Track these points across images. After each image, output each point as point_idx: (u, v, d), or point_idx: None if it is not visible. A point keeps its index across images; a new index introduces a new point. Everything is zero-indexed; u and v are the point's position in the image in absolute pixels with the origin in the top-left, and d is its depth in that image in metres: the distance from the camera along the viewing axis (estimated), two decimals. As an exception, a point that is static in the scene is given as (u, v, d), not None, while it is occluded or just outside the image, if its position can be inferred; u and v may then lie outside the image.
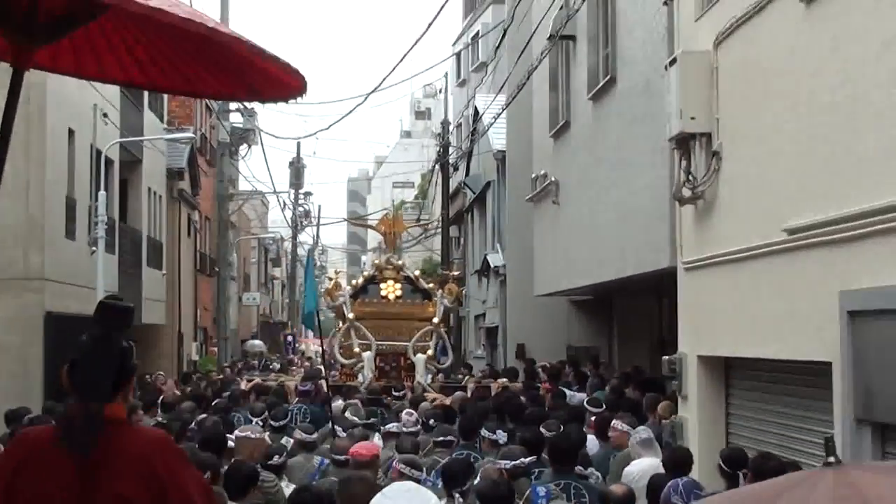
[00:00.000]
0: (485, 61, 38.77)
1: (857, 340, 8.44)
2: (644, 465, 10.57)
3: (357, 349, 22.98)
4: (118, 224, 30.42)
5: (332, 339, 23.63)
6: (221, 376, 27.87)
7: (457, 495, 8.42)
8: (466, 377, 24.24)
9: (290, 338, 58.92)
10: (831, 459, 3.41)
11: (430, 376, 22.57)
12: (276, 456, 10.52)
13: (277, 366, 40.61)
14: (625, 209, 16.99)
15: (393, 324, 23.61)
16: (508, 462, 9.35)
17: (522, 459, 9.42)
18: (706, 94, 12.10)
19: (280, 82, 5.12)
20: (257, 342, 60.52)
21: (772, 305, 10.34)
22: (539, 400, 16.95)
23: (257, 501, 9.07)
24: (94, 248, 26.10)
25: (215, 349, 44.31)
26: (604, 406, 14.79)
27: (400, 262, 25.24)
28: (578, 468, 10.17)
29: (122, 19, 5.08)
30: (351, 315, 23.31)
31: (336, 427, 13.12)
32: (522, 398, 16.62)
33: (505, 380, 21.66)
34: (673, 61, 12.44)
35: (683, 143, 12.49)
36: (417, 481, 8.48)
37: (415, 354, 22.81)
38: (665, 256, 14.70)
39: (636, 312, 23.66)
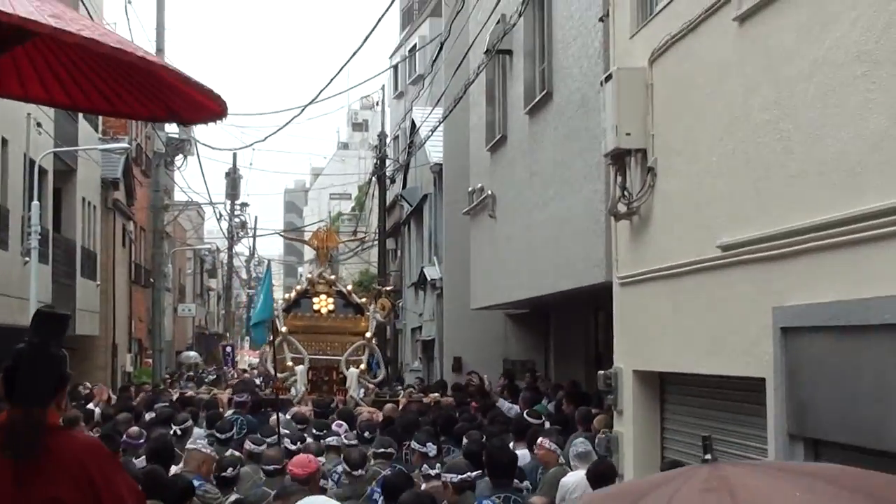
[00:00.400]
0: (422, 74, 38.83)
1: (790, 357, 8.50)
2: (579, 478, 10.84)
3: (290, 363, 23.11)
4: (52, 234, 30.21)
5: (262, 353, 23.47)
6: (153, 388, 27.62)
7: None
8: (399, 391, 24.45)
9: (228, 349, 58.64)
10: (708, 457, 3.52)
11: (362, 390, 22.80)
12: (230, 468, 10.71)
13: (212, 377, 40.44)
14: (561, 223, 17.04)
15: (325, 338, 23.85)
16: (455, 475, 9.37)
17: (469, 473, 9.45)
18: (641, 110, 12.16)
19: (201, 106, 5.31)
20: (192, 353, 60.21)
21: (706, 321, 10.40)
22: (473, 414, 17.12)
23: None
24: (27, 259, 25.89)
25: (150, 361, 44.01)
26: (542, 418, 15.02)
27: (332, 277, 25.51)
28: (515, 481, 10.35)
29: (49, 44, 5.23)
30: (284, 329, 23.34)
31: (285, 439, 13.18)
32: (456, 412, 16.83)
33: (436, 394, 21.98)
34: (608, 77, 12.49)
35: (619, 158, 12.55)
36: None
37: (347, 368, 22.96)
38: (601, 271, 14.76)
39: (572, 327, 23.75)
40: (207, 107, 5.34)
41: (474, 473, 9.55)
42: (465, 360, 28.81)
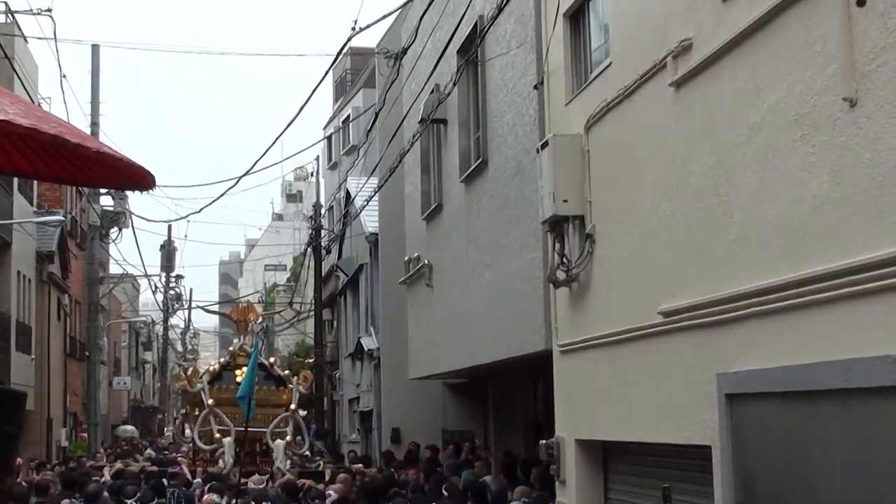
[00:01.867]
0: (356, 144, 38.79)
1: (736, 424, 8.39)
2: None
3: (217, 434, 22.98)
4: (-14, 307, 29.79)
5: (179, 424, 23.42)
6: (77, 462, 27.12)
7: None
8: (320, 462, 24.35)
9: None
10: None
11: (288, 462, 22.69)
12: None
13: (152, 452, 39.76)
14: (499, 292, 16.91)
15: None
16: None
17: None
18: (578, 176, 12.12)
19: (130, 173, 5.41)
20: (129, 427, 59.42)
21: (649, 388, 10.29)
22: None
23: None
24: (-41, 334, 25.48)
25: (85, 435, 43.32)
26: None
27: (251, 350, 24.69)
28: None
29: None
30: (210, 401, 23.29)
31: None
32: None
33: (360, 465, 22.39)
34: (544, 144, 12.44)
35: (557, 225, 12.48)
36: None
37: (273, 440, 22.89)
38: (540, 339, 14.61)
39: (511, 396, 23.55)
40: (137, 174, 5.42)
41: None
42: (404, 431, 28.54)
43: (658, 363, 10.08)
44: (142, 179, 5.52)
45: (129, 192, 42.90)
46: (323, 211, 42.51)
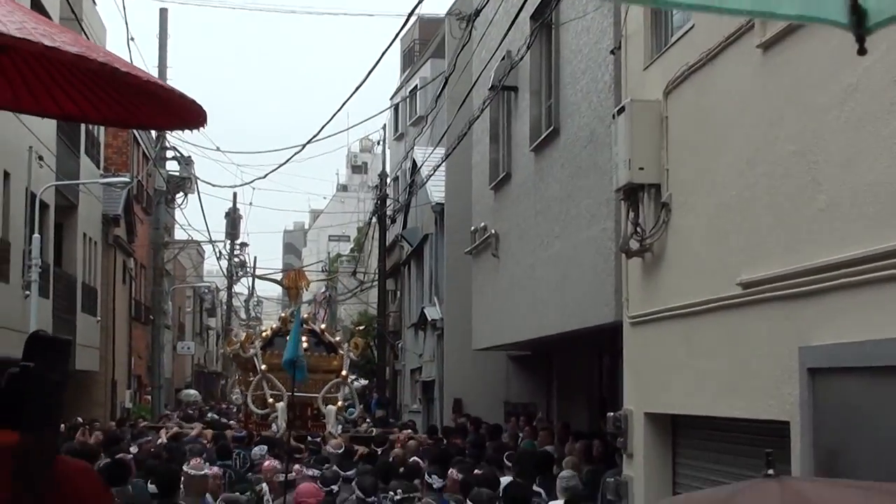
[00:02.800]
0: (422, 115, 38.57)
1: (818, 399, 8.07)
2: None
3: (270, 399, 23.35)
4: (52, 269, 29.96)
5: (231, 387, 23.97)
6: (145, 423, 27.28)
7: None
8: (372, 429, 24.68)
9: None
10: (770, 472, 3.32)
11: (339, 427, 23.09)
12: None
13: (215, 415, 39.85)
14: (568, 262, 16.61)
15: None
16: None
17: None
18: (655, 144, 11.78)
19: (175, 114, 5.44)
20: (192, 391, 59.80)
21: (724, 362, 9.97)
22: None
23: None
24: (27, 292, 25.55)
25: (149, 397, 43.56)
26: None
27: (305, 316, 25.77)
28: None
29: (16, 55, 5.21)
30: (263, 367, 23.67)
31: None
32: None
33: (409, 431, 22.74)
34: (621, 110, 12.11)
35: (631, 194, 12.15)
36: None
37: (325, 405, 23.28)
38: (610, 311, 14.31)
39: (576, 369, 23.28)
40: (188, 110, 5.30)
41: None
42: (466, 402, 28.34)
43: (735, 336, 9.76)
44: (193, 115, 5.36)
45: (194, 157, 43.22)
46: (388, 181, 42.34)
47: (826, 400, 8.02)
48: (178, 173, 42.43)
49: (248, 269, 68.20)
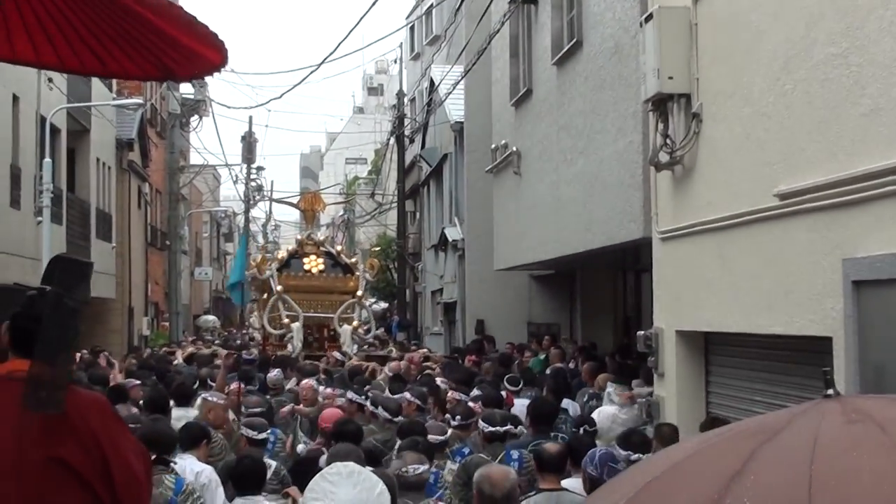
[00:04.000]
0: (439, 35, 38.09)
1: (864, 313, 7.72)
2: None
3: (286, 320, 23.96)
4: (66, 194, 29.69)
5: (250, 311, 25.99)
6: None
7: None
8: (391, 350, 24.63)
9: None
10: (830, 392, 3.04)
11: (355, 346, 23.49)
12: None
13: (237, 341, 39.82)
14: (592, 178, 16.23)
15: (317, 297, 24.81)
16: (488, 426, 10.28)
17: (499, 427, 10.25)
18: (685, 52, 11.36)
19: (197, 57, 5.22)
20: (210, 317, 59.69)
21: (760, 276, 9.62)
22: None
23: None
24: (39, 219, 25.28)
25: (167, 324, 43.48)
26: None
27: (321, 238, 26.44)
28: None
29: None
30: (279, 287, 24.31)
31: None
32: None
33: (425, 350, 23.49)
34: (648, 18, 11.67)
35: (660, 104, 11.74)
36: None
37: (340, 326, 23.77)
38: (637, 227, 13.96)
39: (599, 288, 23.06)
40: (204, 56, 5.22)
41: (504, 428, 10.29)
42: (488, 323, 28.12)
43: (771, 249, 9.39)
44: (210, 55, 5.22)
45: (208, 80, 42.80)
46: (405, 101, 41.87)
47: (871, 314, 7.67)
48: (192, 96, 42.11)
49: (265, 194, 67.92)
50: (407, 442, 9.30)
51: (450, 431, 10.58)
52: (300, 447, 12.39)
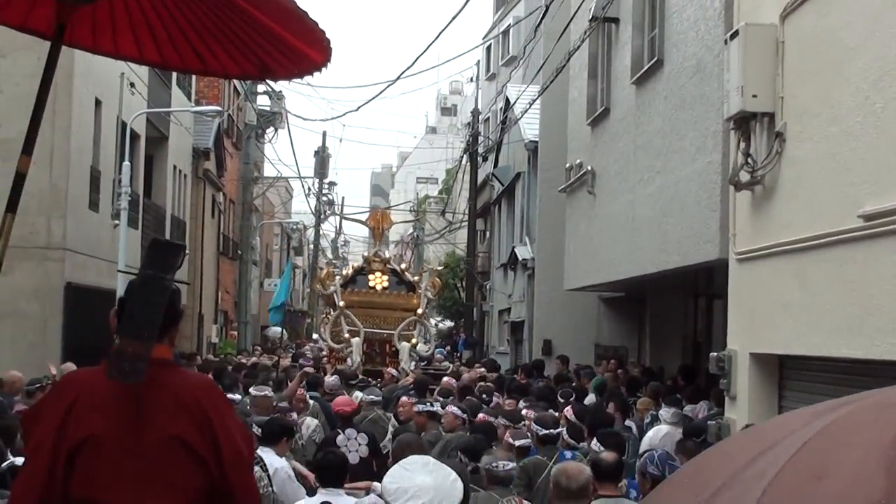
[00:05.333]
0: (515, 55, 38.05)
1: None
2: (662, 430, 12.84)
3: (346, 335, 24.29)
4: (142, 199, 29.93)
5: (320, 324, 26.43)
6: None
7: None
8: (448, 366, 25.56)
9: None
10: None
11: (413, 363, 23.66)
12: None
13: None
14: (669, 198, 16.05)
15: (379, 313, 25.08)
16: (541, 429, 10.62)
17: (552, 430, 10.68)
18: (770, 70, 11.20)
19: (300, 56, 5.32)
20: (278, 328, 59.79)
21: (841, 299, 9.42)
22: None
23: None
24: (116, 222, 25.48)
25: (235, 333, 43.60)
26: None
27: (387, 256, 26.66)
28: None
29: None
30: (341, 303, 24.66)
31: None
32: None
33: (482, 369, 23.28)
34: (734, 35, 11.53)
35: (743, 123, 11.58)
36: None
37: (400, 342, 24.00)
38: (714, 247, 13.76)
39: (670, 312, 22.78)
40: (307, 55, 5.31)
41: (556, 430, 10.74)
42: (555, 343, 27.92)
43: (854, 271, 9.20)
44: (313, 54, 5.35)
45: (285, 93, 42.99)
46: (480, 119, 41.83)
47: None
48: (268, 108, 42.32)
49: (335, 208, 68.14)
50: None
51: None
52: None
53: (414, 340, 24.37)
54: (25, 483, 4.57)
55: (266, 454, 8.95)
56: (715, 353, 12.61)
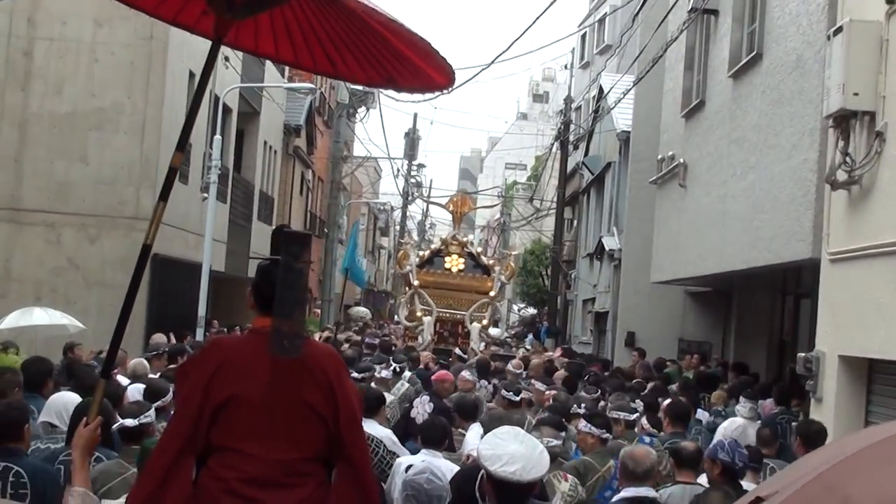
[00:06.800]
0: (610, 44, 37.76)
1: None
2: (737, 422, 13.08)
3: (419, 313, 25.07)
4: (231, 174, 30.08)
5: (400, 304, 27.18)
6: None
7: None
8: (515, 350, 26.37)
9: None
10: None
11: (483, 344, 24.35)
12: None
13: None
14: (762, 194, 15.81)
15: (453, 294, 25.73)
16: (625, 414, 10.85)
17: (633, 414, 10.96)
18: (873, 68, 10.98)
19: (425, 76, 5.82)
20: (362, 309, 59.94)
21: (937, 304, 9.21)
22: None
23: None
24: (205, 195, 25.58)
25: (318, 311, 43.79)
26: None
27: (465, 239, 27.26)
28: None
29: (301, 4, 5.79)
30: (416, 282, 25.34)
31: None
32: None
33: (550, 353, 24.23)
34: (837, 31, 11.31)
35: (842, 121, 11.37)
36: None
37: (471, 323, 24.63)
38: (806, 246, 13.53)
39: (756, 309, 22.51)
40: (429, 74, 5.79)
41: (633, 416, 10.95)
42: (639, 336, 27.70)
43: (952, 277, 9.00)
44: (440, 79, 5.84)
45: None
46: (572, 107, 41.61)
47: None
48: (360, 88, 42.37)
49: (423, 191, 68.21)
50: (546, 418, 10.58)
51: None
52: None
53: (485, 322, 25.01)
54: (173, 431, 5.26)
55: (370, 425, 9.15)
56: (803, 354, 12.42)
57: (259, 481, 5.16)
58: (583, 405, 11.67)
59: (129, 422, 7.72)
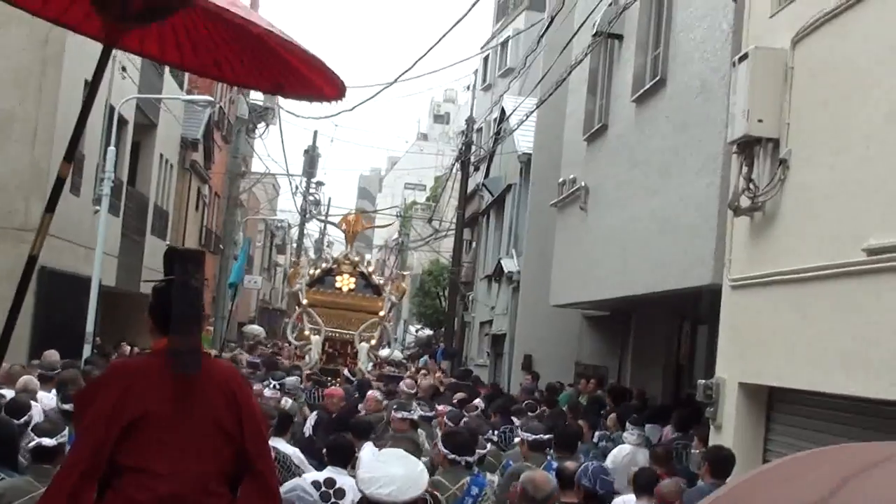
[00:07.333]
0: (512, 67, 37.80)
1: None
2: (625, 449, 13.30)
3: (307, 332, 24.88)
4: (126, 187, 29.46)
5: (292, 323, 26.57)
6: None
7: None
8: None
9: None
10: None
11: (371, 364, 24.53)
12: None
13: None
14: (665, 219, 15.78)
15: (343, 314, 25.44)
16: (530, 435, 10.71)
17: (542, 435, 10.68)
18: (777, 95, 10.96)
19: (313, 87, 5.93)
20: (256, 327, 59.31)
21: (841, 333, 9.16)
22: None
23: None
24: (97, 207, 25.02)
25: (211, 328, 43.18)
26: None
27: (357, 258, 26.88)
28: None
29: (188, 11, 5.77)
30: (305, 301, 25.17)
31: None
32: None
33: (440, 375, 24.92)
34: (743, 57, 11.29)
35: (747, 147, 11.33)
36: None
37: (360, 343, 24.58)
38: (707, 272, 13.50)
39: (654, 334, 22.53)
40: (320, 89, 5.92)
41: (546, 436, 10.71)
42: (536, 359, 27.68)
43: (856, 306, 8.95)
44: (330, 90, 5.90)
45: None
46: (475, 128, 41.59)
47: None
48: (261, 102, 42.00)
49: (321, 209, 67.80)
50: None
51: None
52: None
53: (373, 342, 25.03)
54: (77, 455, 5.28)
55: (277, 443, 9.26)
56: (703, 381, 12.35)
57: (170, 500, 5.23)
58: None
59: (47, 441, 7.75)
